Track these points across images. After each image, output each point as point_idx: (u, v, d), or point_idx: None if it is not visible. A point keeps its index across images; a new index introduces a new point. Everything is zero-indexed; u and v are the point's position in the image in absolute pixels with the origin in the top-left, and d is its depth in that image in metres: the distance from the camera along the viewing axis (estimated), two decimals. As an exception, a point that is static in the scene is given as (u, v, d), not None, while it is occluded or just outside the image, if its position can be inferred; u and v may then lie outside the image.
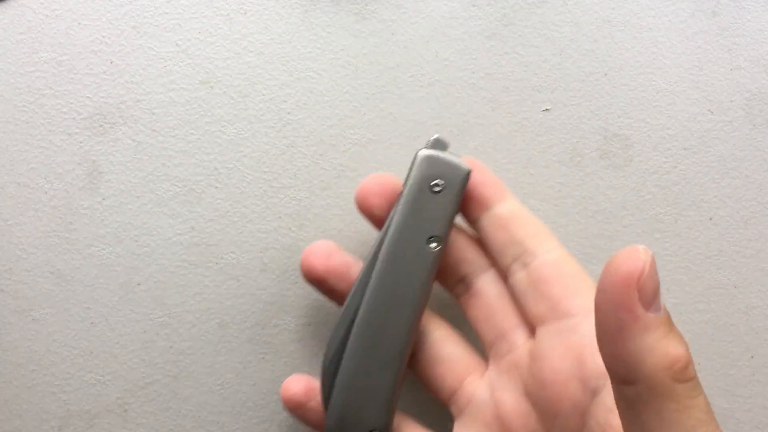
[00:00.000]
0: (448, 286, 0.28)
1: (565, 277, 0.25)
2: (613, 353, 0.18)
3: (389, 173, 0.28)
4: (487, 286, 0.27)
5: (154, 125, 0.31)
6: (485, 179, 0.27)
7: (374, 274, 0.25)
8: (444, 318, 0.28)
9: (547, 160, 0.31)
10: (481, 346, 0.28)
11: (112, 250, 0.30)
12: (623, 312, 0.17)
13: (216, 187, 0.31)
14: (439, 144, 0.26)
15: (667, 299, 0.31)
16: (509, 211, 0.26)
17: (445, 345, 0.27)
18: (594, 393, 0.23)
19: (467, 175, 0.26)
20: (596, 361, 0.23)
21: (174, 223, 0.30)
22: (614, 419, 0.22)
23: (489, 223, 0.27)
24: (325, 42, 0.31)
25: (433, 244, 0.25)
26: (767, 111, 0.32)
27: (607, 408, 0.22)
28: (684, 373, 0.18)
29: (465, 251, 0.27)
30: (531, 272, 0.26)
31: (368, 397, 0.25)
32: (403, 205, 0.26)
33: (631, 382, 0.18)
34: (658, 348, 0.17)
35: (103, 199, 0.30)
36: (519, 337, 0.26)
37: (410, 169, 0.26)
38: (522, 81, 0.31)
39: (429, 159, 0.26)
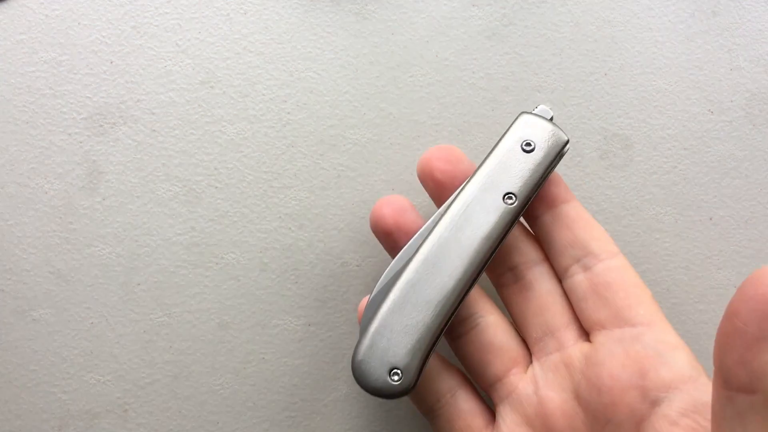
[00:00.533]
0: (494, 273, 0.27)
1: (629, 286, 0.25)
2: (741, 360, 0.19)
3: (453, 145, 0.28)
4: (539, 280, 0.26)
5: (154, 125, 0.31)
6: (554, 178, 0.27)
7: (443, 220, 0.25)
8: (495, 305, 0.28)
9: (547, 160, 0.31)
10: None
11: (112, 250, 0.30)
12: (767, 324, 0.18)
13: (216, 187, 0.31)
14: (543, 112, 0.26)
15: (667, 299, 0.31)
16: (575, 212, 0.26)
17: (497, 331, 0.26)
18: (654, 404, 0.23)
19: (564, 143, 0.25)
20: (659, 374, 0.23)
21: (174, 223, 0.31)
22: (680, 430, 0.22)
23: (553, 221, 0.26)
24: (325, 42, 0.31)
25: (510, 200, 0.25)
26: (767, 111, 0.32)
27: (669, 420, 0.22)
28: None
29: (519, 241, 0.27)
30: (593, 276, 0.25)
31: (401, 336, 0.24)
32: (491, 158, 0.25)
33: (750, 391, 0.18)
34: (758, 363, 0.18)
35: (103, 199, 0.30)
36: (570, 336, 0.26)
37: (507, 128, 0.26)
38: (522, 81, 0.31)
39: (530, 120, 0.26)
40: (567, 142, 0.25)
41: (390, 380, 0.24)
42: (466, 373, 0.28)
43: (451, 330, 0.27)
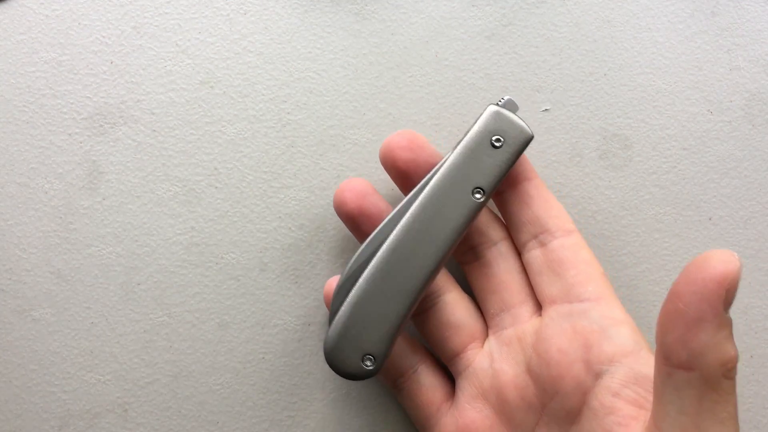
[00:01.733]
0: (458, 252, 0.28)
1: (581, 263, 0.26)
2: (681, 339, 0.20)
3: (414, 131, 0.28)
4: (497, 259, 0.28)
5: (154, 125, 0.31)
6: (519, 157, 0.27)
7: (411, 210, 0.26)
8: (456, 282, 0.29)
9: (546, 160, 0.31)
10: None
11: (112, 249, 0.30)
12: (707, 306, 0.19)
13: (216, 187, 0.31)
14: (510, 105, 0.27)
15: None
16: (536, 190, 0.27)
17: (455, 309, 0.28)
18: (597, 376, 0.24)
19: (529, 139, 0.26)
20: (603, 348, 0.24)
21: (174, 223, 0.31)
22: (618, 403, 0.23)
23: (514, 198, 0.27)
24: (325, 42, 0.31)
25: (478, 195, 0.26)
26: (766, 111, 0.32)
27: (611, 391, 0.24)
28: (731, 373, 0.20)
29: (481, 222, 0.28)
30: (548, 252, 0.26)
31: (373, 323, 0.26)
32: (460, 151, 0.26)
33: (688, 367, 0.20)
34: (722, 345, 0.20)
35: (103, 199, 0.30)
36: (524, 312, 0.27)
37: (475, 121, 0.26)
38: (522, 81, 0.31)
39: (497, 115, 0.26)
40: (531, 137, 0.26)
41: (363, 366, 0.26)
42: (429, 348, 0.29)
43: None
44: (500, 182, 0.26)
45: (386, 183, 0.31)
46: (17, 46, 0.31)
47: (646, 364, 0.24)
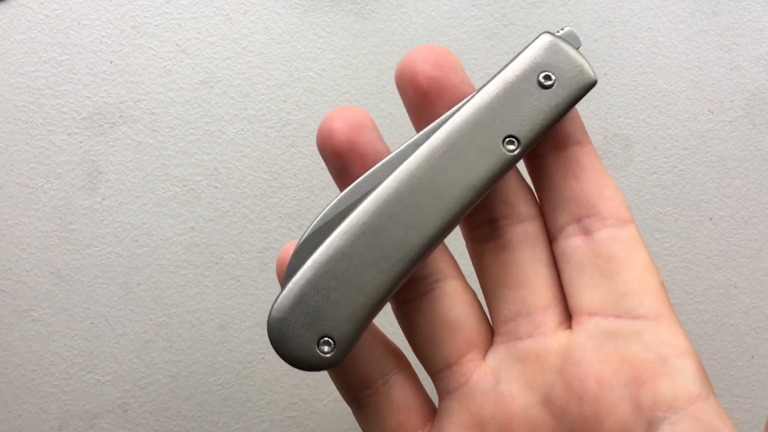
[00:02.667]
0: (468, 223, 0.21)
1: (637, 266, 0.19)
2: None
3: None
4: (522, 242, 0.20)
5: (154, 125, 0.31)
6: (570, 114, 0.20)
7: (419, 153, 0.19)
8: (459, 268, 0.21)
9: (547, 160, 0.31)
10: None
11: (111, 250, 0.30)
12: None
13: (216, 187, 0.31)
14: (571, 37, 0.20)
15: (667, 299, 0.31)
16: (588, 159, 0.20)
17: (454, 303, 0.20)
18: (651, 426, 0.18)
19: (591, 84, 0.19)
20: (660, 386, 0.18)
21: (174, 223, 0.30)
22: None
23: (558, 165, 0.20)
24: (325, 42, 0.31)
25: (511, 147, 0.19)
26: (767, 111, 0.32)
27: None
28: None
29: (507, 187, 0.20)
30: (594, 244, 0.20)
31: (340, 295, 0.18)
32: (496, 85, 0.19)
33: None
34: None
35: (103, 199, 0.30)
36: (549, 321, 0.20)
37: (521, 50, 0.20)
38: (522, 81, 0.31)
39: (553, 46, 0.19)
40: (594, 83, 0.19)
41: (318, 350, 0.18)
42: (407, 350, 0.22)
43: (398, 290, 0.20)
44: (542, 136, 0.19)
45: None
46: (17, 45, 0.31)
47: (715, 414, 0.18)
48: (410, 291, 0.20)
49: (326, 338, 0.18)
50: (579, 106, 0.20)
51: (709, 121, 0.32)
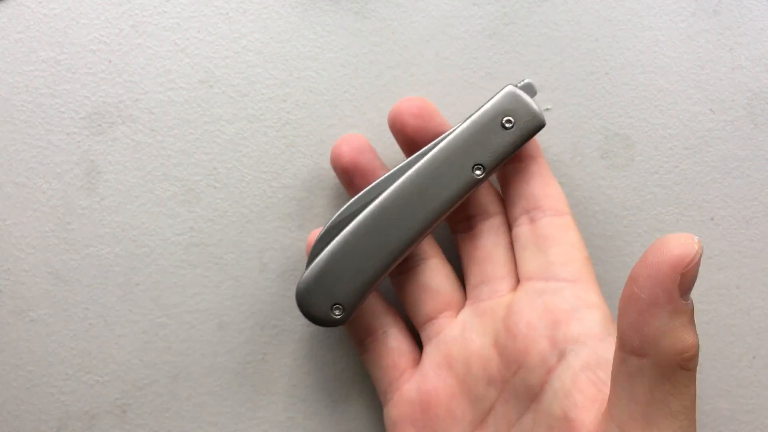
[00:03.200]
0: (452, 220, 0.29)
1: (565, 243, 0.26)
2: (634, 324, 0.19)
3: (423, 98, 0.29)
4: (488, 231, 0.28)
5: (153, 125, 0.31)
6: None
7: (409, 174, 0.26)
8: (441, 249, 0.29)
9: (547, 159, 0.31)
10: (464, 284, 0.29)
11: (110, 250, 0.30)
12: (660, 290, 0.19)
13: (215, 187, 0.31)
14: (528, 88, 0.27)
15: (668, 300, 0.31)
16: (537, 168, 0.27)
17: (435, 274, 0.28)
18: (561, 356, 0.24)
19: (540, 126, 0.26)
20: (570, 328, 0.24)
21: (173, 223, 0.30)
22: (578, 385, 0.23)
23: (514, 173, 0.28)
24: (325, 41, 0.31)
25: (478, 172, 0.26)
26: (769, 110, 0.32)
27: (572, 372, 0.23)
28: (689, 363, 0.19)
29: (480, 194, 0.28)
30: (536, 228, 0.27)
31: (347, 274, 0.26)
32: (468, 125, 0.26)
33: (640, 354, 0.19)
34: (677, 332, 0.19)
35: (102, 199, 0.30)
36: (503, 286, 0.27)
37: (489, 98, 0.27)
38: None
39: (513, 96, 0.27)
40: (543, 126, 0.26)
41: (332, 313, 0.26)
42: (402, 311, 0.29)
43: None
44: (503, 163, 0.27)
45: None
46: (15, 44, 0.30)
47: (610, 349, 0.23)
48: (403, 265, 0.28)
49: (337, 305, 0.26)
50: (578, 107, 0.22)
51: (711, 120, 0.31)
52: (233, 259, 0.30)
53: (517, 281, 0.27)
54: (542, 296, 0.26)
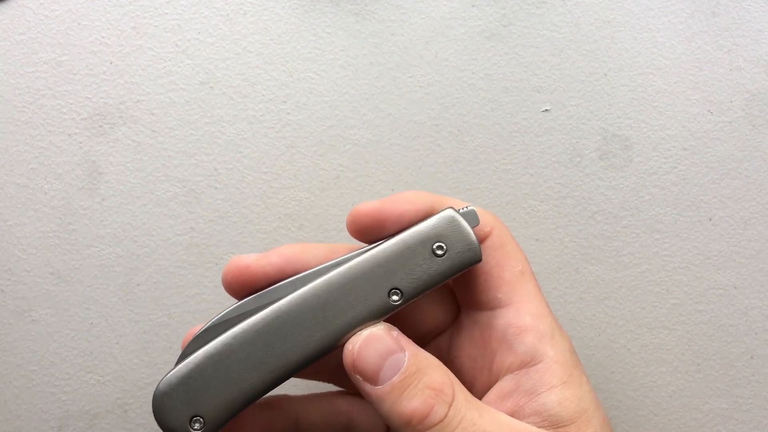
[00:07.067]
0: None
1: (498, 269, 0.25)
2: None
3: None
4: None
5: (154, 126, 0.31)
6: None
7: (316, 284, 0.22)
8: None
9: (546, 160, 0.31)
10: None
11: (111, 250, 0.30)
12: (362, 390, 0.21)
13: (215, 188, 0.31)
14: (470, 217, 0.23)
15: (667, 299, 0.31)
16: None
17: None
18: (492, 385, 0.24)
19: (476, 261, 0.23)
20: (503, 358, 0.24)
21: (174, 223, 0.30)
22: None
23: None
24: (325, 42, 0.31)
25: (395, 297, 0.22)
26: (767, 112, 0.32)
27: (491, 402, 0.23)
28: (424, 423, 0.21)
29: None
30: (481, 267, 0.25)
31: (220, 386, 0.22)
32: (395, 242, 0.23)
33: None
34: (393, 411, 0.21)
35: (103, 200, 0.30)
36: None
37: (427, 216, 0.23)
38: (522, 81, 0.31)
39: (452, 221, 0.23)
40: (479, 261, 0.23)
41: (190, 427, 0.22)
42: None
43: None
44: (424, 293, 0.23)
45: (389, 184, 0.31)
46: (17, 46, 0.31)
47: (532, 377, 0.23)
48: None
49: (198, 417, 0.22)
50: (577, 108, 0.20)
51: (709, 121, 0.32)
52: (234, 260, 0.31)
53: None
54: (479, 327, 0.25)
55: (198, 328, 0.23)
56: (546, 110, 0.31)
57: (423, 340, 0.26)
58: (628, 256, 0.31)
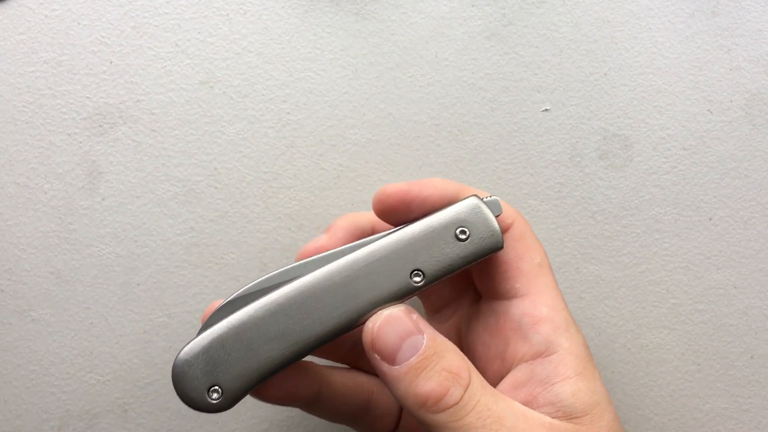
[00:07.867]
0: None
1: (516, 260, 0.25)
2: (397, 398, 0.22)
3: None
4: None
5: (154, 125, 0.31)
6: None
7: (342, 261, 0.23)
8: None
9: (546, 160, 0.31)
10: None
11: (111, 250, 0.30)
12: (378, 369, 0.22)
13: (215, 188, 0.31)
14: (494, 206, 0.24)
15: (667, 299, 0.31)
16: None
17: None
18: (506, 373, 0.25)
19: (498, 248, 0.24)
20: (517, 347, 0.24)
21: (173, 223, 0.30)
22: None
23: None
24: (325, 42, 0.31)
25: (417, 278, 0.23)
26: (767, 111, 0.32)
27: (506, 390, 0.24)
28: (438, 405, 0.21)
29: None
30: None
31: (241, 357, 0.22)
32: (420, 225, 0.23)
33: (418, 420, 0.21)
34: (409, 392, 0.21)
35: (103, 200, 0.30)
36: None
37: (451, 203, 0.24)
38: (522, 81, 0.31)
39: (476, 207, 0.24)
40: (501, 248, 0.24)
41: (207, 397, 0.22)
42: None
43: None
44: (446, 276, 0.23)
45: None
46: (17, 46, 0.31)
47: (545, 367, 0.23)
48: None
49: (216, 387, 0.22)
50: (577, 107, 0.20)
51: (709, 121, 0.32)
52: (233, 259, 0.31)
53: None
54: (494, 316, 0.25)
55: (219, 302, 0.23)
56: (546, 110, 0.31)
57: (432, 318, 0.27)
58: (628, 255, 0.31)
